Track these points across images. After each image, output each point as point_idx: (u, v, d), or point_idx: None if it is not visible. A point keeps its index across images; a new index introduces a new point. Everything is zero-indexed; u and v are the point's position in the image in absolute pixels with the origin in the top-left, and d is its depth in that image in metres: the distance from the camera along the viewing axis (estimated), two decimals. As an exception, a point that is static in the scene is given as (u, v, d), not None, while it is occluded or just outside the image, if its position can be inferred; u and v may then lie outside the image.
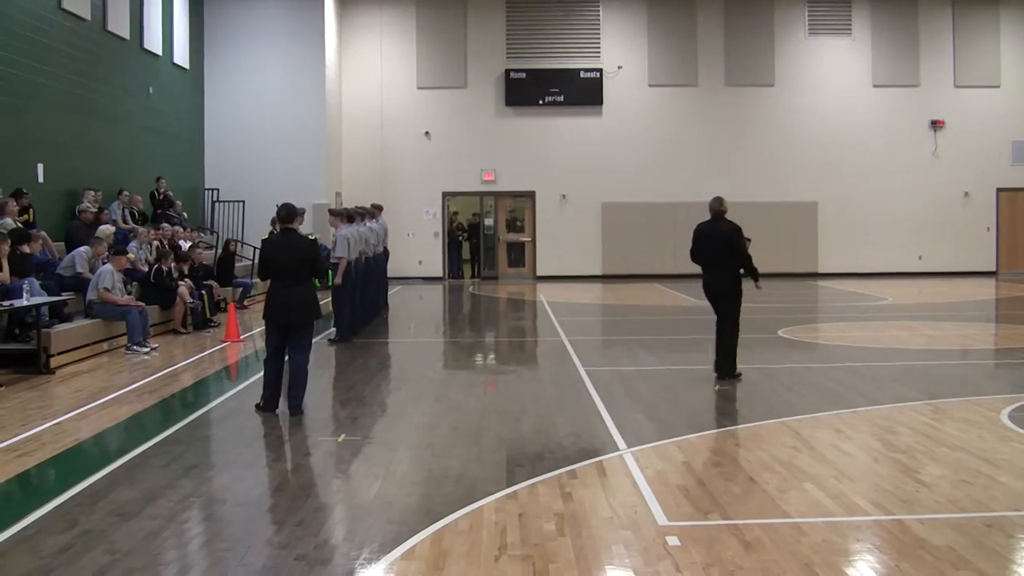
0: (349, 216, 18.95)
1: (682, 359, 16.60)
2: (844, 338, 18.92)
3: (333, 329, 18.07)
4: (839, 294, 29.25)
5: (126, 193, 23.30)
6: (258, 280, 26.72)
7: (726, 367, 14.07)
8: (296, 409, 11.81)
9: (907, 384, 13.69)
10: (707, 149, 36.00)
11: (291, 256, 11.84)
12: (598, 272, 35.89)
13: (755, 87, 36.17)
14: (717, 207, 14.42)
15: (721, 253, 14.13)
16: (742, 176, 35.62)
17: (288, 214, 12.14)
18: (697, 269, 14.60)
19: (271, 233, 12.15)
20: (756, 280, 14.24)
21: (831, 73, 36.34)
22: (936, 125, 36.33)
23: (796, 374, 14.53)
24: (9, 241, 15.93)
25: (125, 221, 22.81)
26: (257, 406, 12.02)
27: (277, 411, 11.88)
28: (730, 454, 9.70)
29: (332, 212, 18.46)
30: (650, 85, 36.08)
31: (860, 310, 24.11)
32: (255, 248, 28.19)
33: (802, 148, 36.05)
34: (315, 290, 12.21)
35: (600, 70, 35.81)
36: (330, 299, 18.58)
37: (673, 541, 7.06)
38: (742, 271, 14.16)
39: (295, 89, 31.93)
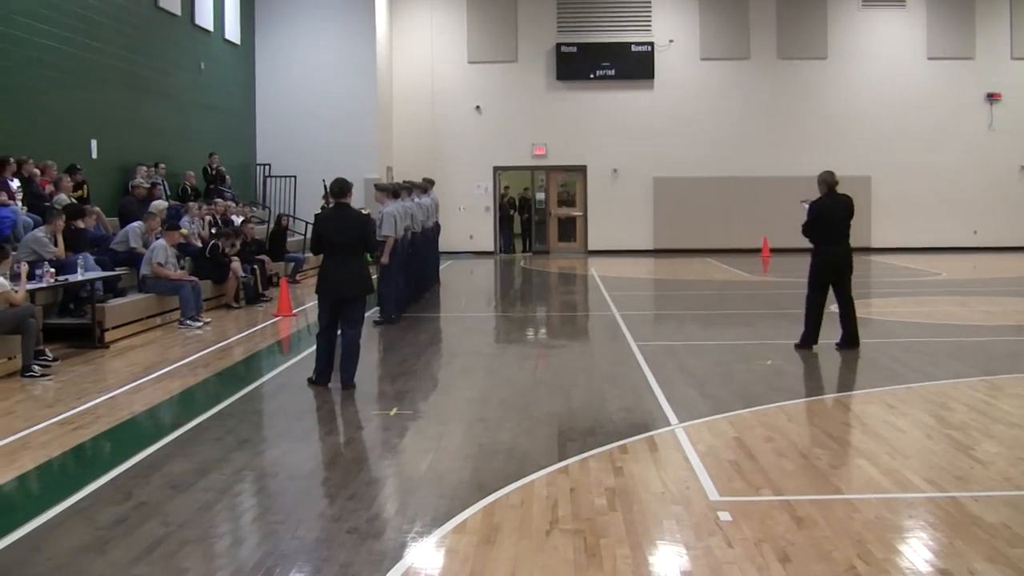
0: (394, 191, 18.53)
1: (734, 334, 16.52)
2: (897, 313, 18.74)
3: (377, 309, 17.78)
4: (893, 269, 28.98)
5: (162, 166, 23.37)
6: (310, 255, 26.84)
7: (855, 336, 14.18)
8: (348, 383, 11.84)
9: (962, 360, 13.54)
10: (759, 123, 35.72)
11: (344, 230, 11.82)
12: (649, 246, 35.77)
13: (807, 60, 35.79)
14: (833, 179, 14.25)
15: (845, 225, 14.10)
16: (794, 150, 35.31)
17: (341, 189, 12.11)
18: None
19: (323, 208, 12.13)
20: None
21: (885, 45, 35.89)
22: (992, 98, 35.80)
23: (849, 349, 14.42)
24: (64, 216, 16.05)
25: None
26: (309, 380, 12.07)
27: (329, 385, 11.93)
28: (782, 429, 9.64)
29: (379, 188, 17.97)
30: (702, 58, 35.83)
31: (914, 285, 23.89)
32: (307, 223, 28.29)
33: (855, 121, 35.65)
34: (367, 265, 12.23)
35: (651, 43, 35.59)
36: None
37: (724, 516, 7.04)
38: None
39: (346, 64, 31.95)
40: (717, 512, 7.14)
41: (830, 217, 14.05)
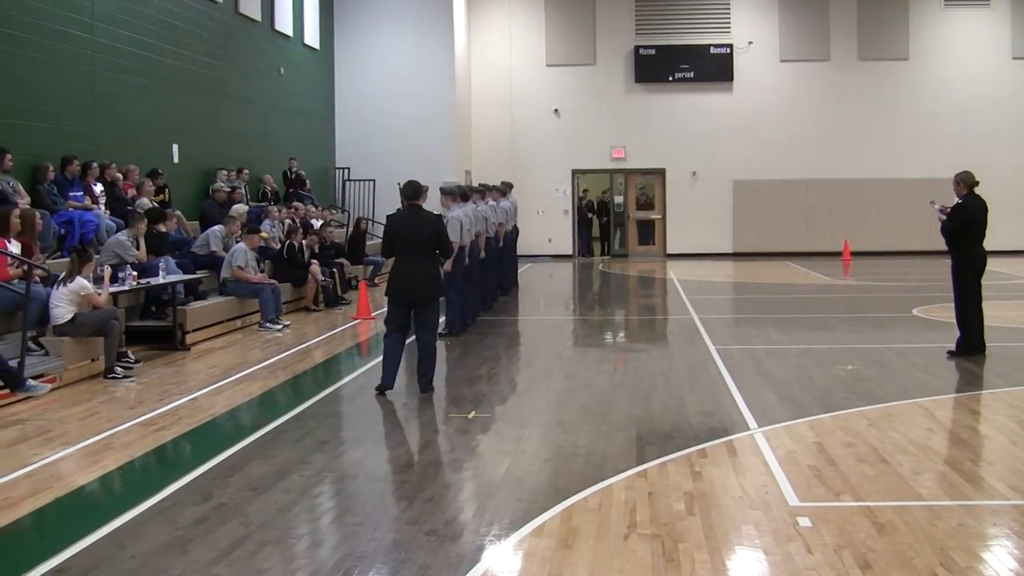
0: (463, 194, 17.82)
1: (814, 338, 16.37)
2: (982, 317, 18.45)
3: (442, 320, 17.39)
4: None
5: (246, 171, 23.61)
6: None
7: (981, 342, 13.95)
8: (427, 387, 11.81)
9: (1048, 365, 13.34)
10: (839, 125, 35.32)
11: (418, 232, 11.76)
12: (729, 250, 35.54)
13: (889, 61, 35.34)
14: (974, 179, 13.96)
15: (986, 225, 13.93)
16: (875, 152, 34.93)
17: (414, 191, 12.06)
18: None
19: (397, 210, 12.15)
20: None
21: (968, 45, 35.34)
22: (1080, 98, 35.21)
23: (931, 354, 14.24)
24: (146, 220, 16.27)
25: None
26: (378, 389, 11.83)
27: (388, 392, 11.76)
28: (862, 435, 9.53)
29: (444, 191, 17.10)
30: (781, 60, 35.52)
31: (997, 289, 23.48)
32: (384, 226, 28.46)
33: (937, 123, 35.12)
34: (439, 267, 12.17)
35: (730, 45, 35.38)
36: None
37: (804, 522, 6.98)
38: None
39: (424, 68, 32.07)
40: (796, 518, 7.08)
41: (979, 217, 13.81)
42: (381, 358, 12.00)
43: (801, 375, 12.86)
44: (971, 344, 13.73)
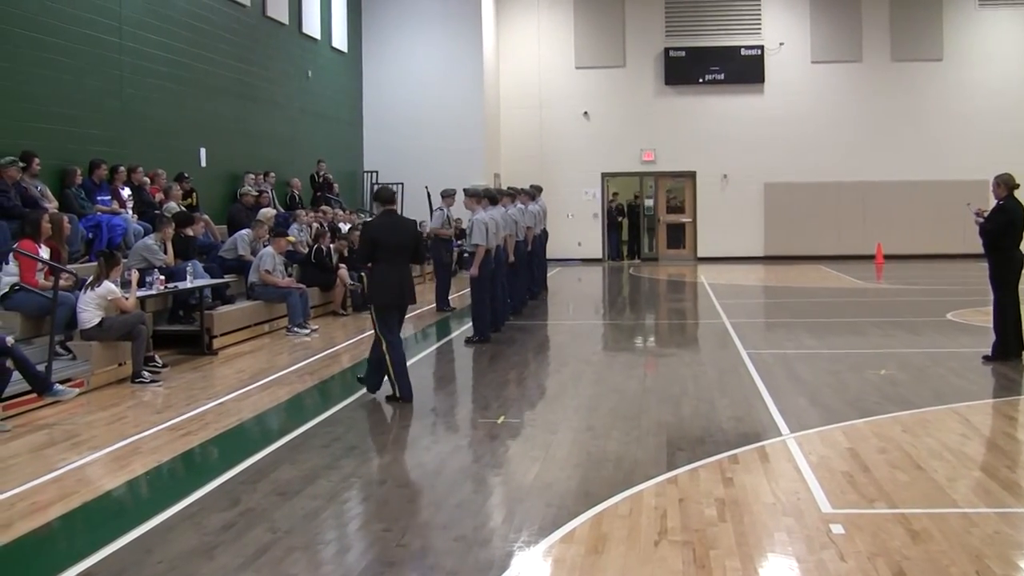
0: (492, 198, 17.67)
1: (847, 342, 16.30)
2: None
3: (470, 325, 17.28)
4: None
5: (272, 174, 23.71)
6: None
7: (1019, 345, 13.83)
8: (377, 387, 11.92)
9: (1085, 369, 13.24)
10: (872, 127, 35.17)
11: (400, 237, 11.85)
12: (760, 253, 35.43)
13: (922, 62, 35.14)
14: (1015, 182, 13.76)
15: None
16: (908, 154, 34.75)
17: (389, 196, 12.19)
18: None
19: (374, 217, 12.25)
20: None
21: (1004, 46, 35.11)
22: (1117, 99, 34.93)
23: (966, 358, 14.14)
24: (173, 224, 16.34)
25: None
26: (393, 398, 11.77)
27: (408, 396, 11.72)
28: (896, 440, 9.48)
29: (468, 193, 17.08)
30: (813, 62, 35.40)
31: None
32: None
33: (972, 125, 34.87)
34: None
35: (761, 47, 35.28)
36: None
37: (837, 529, 6.94)
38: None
39: (453, 71, 32.14)
40: (830, 524, 7.04)
41: (1019, 220, 13.68)
42: (391, 369, 11.74)
43: (834, 380, 12.79)
44: (1007, 349, 13.62)
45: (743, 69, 35.31)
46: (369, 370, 12.05)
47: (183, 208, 18.50)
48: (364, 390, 12.01)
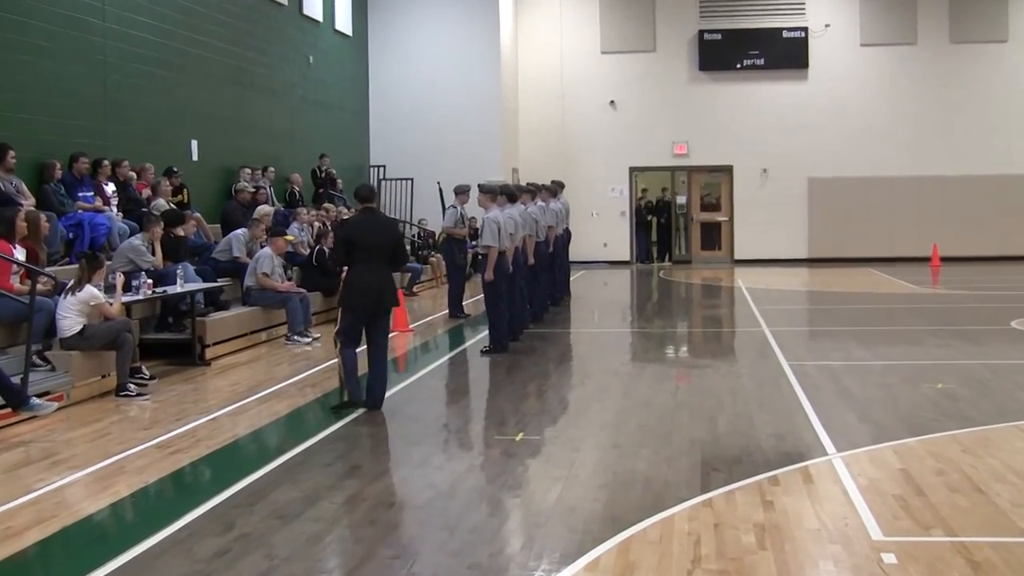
0: (511, 195, 17.53)
1: (899, 353, 16.27)
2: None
3: (486, 334, 17.15)
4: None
5: (271, 169, 23.77)
6: (428, 266, 27.05)
7: None
8: (378, 404, 12.00)
9: None
10: (928, 115, 35.03)
11: (378, 237, 11.97)
12: (803, 255, 35.38)
13: (984, 43, 35.00)
14: None
15: None
16: (968, 146, 34.64)
17: (368, 193, 12.33)
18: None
19: (352, 215, 12.39)
20: None
21: (1074, 26, 35.04)
22: None
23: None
24: (162, 223, 16.33)
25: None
26: (340, 406, 12.05)
27: (357, 398, 12.02)
28: (955, 461, 9.44)
29: (482, 189, 16.87)
30: (862, 44, 35.31)
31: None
32: (423, 230, 28.55)
33: (1039, 113, 34.87)
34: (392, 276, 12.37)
35: (805, 29, 35.22)
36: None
37: (889, 559, 6.91)
38: None
39: (467, 56, 32.15)
40: (880, 554, 7.02)
41: None
42: (342, 373, 12.14)
43: (885, 394, 12.77)
44: None
45: (785, 53, 35.24)
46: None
47: (173, 206, 18.54)
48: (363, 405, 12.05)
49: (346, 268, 12.35)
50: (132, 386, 13.18)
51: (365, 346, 12.22)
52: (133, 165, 18.60)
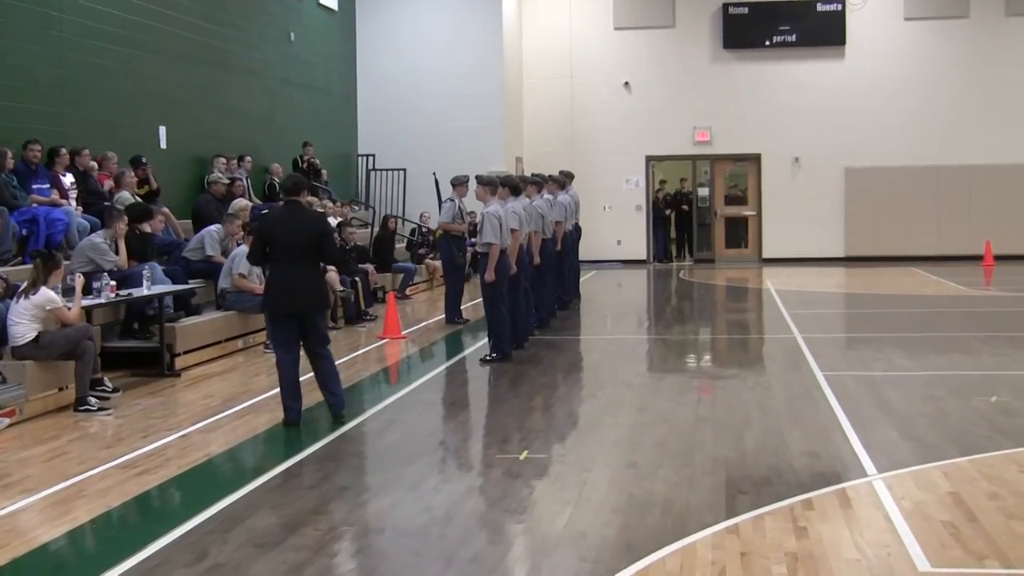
0: (514, 187, 17.45)
1: (948, 362, 16.27)
2: None
3: (486, 341, 17.18)
4: None
5: (248, 159, 23.78)
6: (423, 265, 27.05)
7: None
8: (341, 404, 12.19)
9: None
10: (980, 98, 34.93)
11: (296, 234, 11.94)
12: (840, 254, 35.39)
13: (1045, 17, 35.04)
14: None
15: None
16: (1024, 131, 34.67)
17: (293, 185, 12.31)
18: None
19: (272, 208, 12.42)
20: None
21: None
22: None
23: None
24: (126, 219, 16.30)
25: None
26: (286, 425, 12.21)
27: (294, 420, 12.18)
28: (1012, 483, 9.44)
29: (480, 181, 16.83)
30: (906, 18, 35.25)
31: None
32: (417, 226, 28.55)
33: (1105, 95, 34.83)
34: (322, 276, 12.46)
35: (842, 1, 35.19)
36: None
37: (937, 591, 6.92)
38: None
39: (465, 34, 32.15)
40: (928, 585, 7.02)
41: None
42: (279, 388, 12.30)
43: (932, 408, 12.76)
44: None
45: (819, 28, 35.23)
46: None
47: (139, 199, 18.55)
48: (360, 419, 12.04)
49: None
50: (93, 400, 13.18)
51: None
52: (94, 154, 18.57)
